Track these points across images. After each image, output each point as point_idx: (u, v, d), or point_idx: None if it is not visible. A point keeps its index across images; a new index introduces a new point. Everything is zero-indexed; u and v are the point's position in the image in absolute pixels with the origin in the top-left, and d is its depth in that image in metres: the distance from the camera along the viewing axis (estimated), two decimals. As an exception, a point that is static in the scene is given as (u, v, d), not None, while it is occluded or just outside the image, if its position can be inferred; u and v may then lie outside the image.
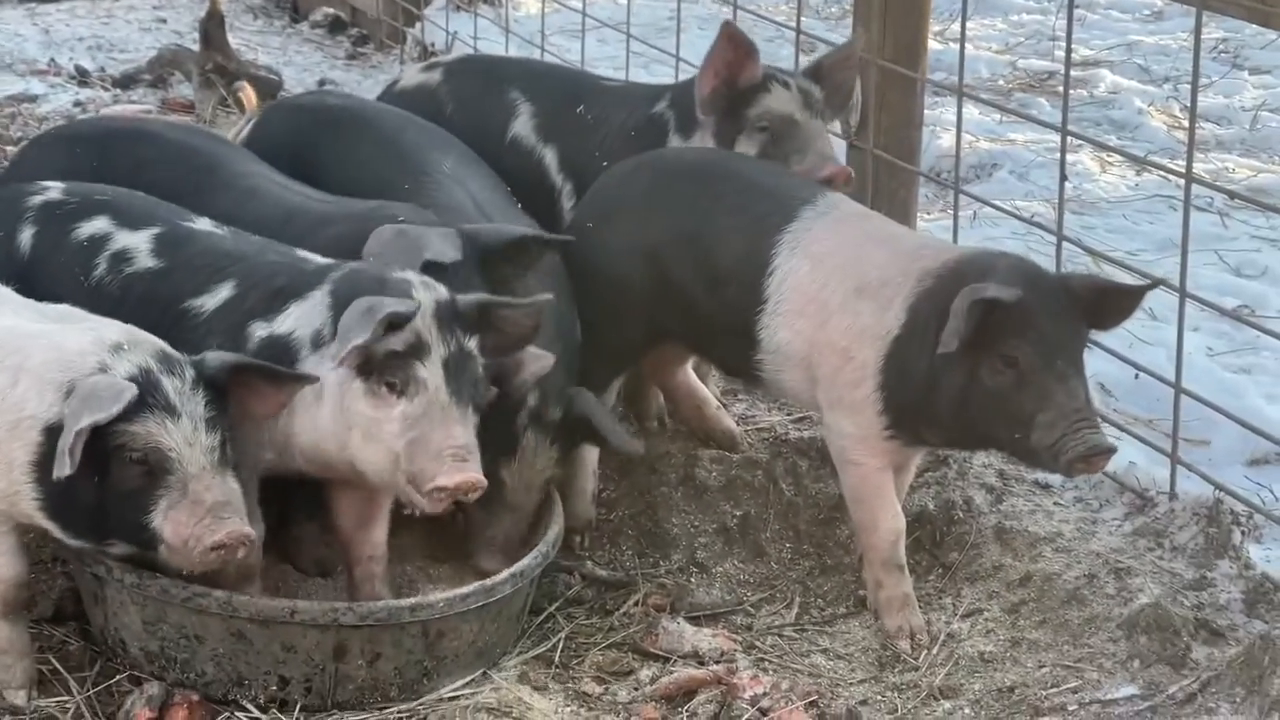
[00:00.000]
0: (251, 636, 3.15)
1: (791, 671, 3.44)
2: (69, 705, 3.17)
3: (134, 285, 3.39)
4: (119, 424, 2.93)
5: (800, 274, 3.56)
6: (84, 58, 8.10)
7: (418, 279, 3.20)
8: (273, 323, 3.24)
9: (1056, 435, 3.22)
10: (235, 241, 3.43)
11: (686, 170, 3.87)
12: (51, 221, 3.51)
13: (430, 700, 3.25)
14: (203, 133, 4.13)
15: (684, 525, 3.95)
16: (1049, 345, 3.25)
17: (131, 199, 3.57)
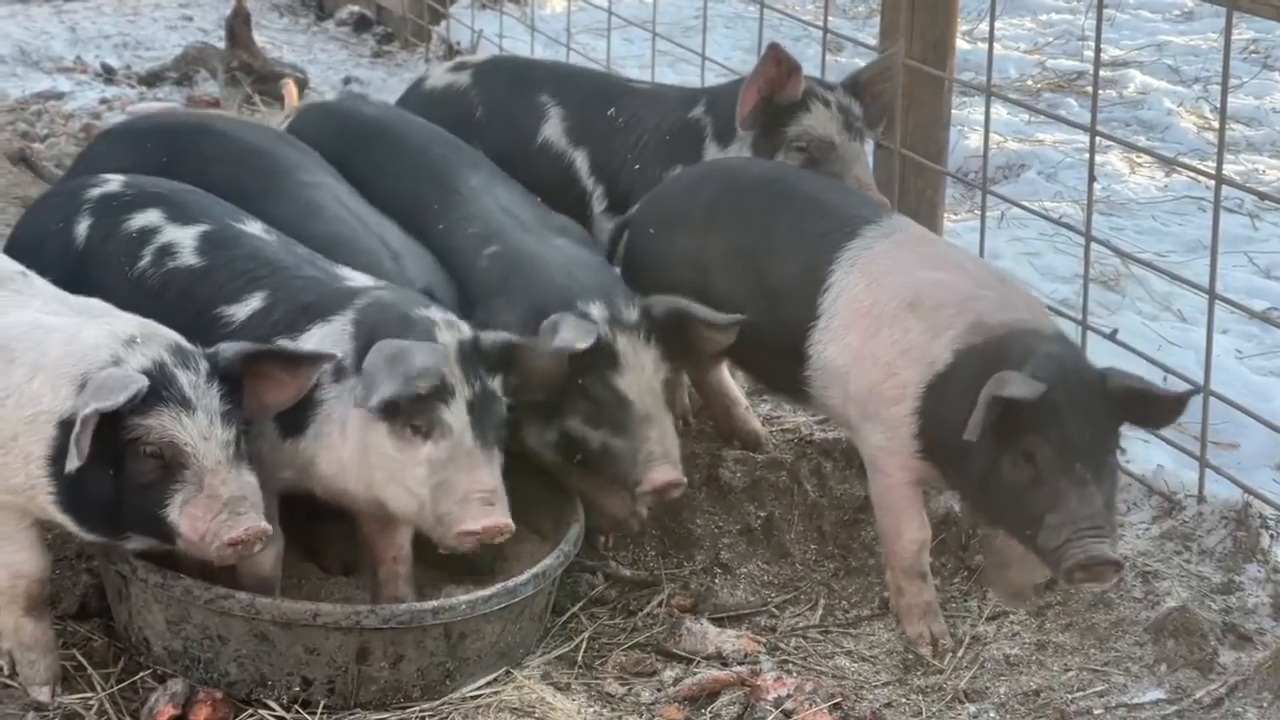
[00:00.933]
0: (274, 638, 3.15)
1: (815, 673, 3.42)
2: (93, 701, 3.18)
3: (174, 281, 3.40)
4: (134, 417, 2.93)
5: (855, 290, 3.52)
6: (110, 55, 8.13)
7: (441, 317, 3.21)
8: (295, 340, 3.23)
9: (1060, 540, 3.14)
10: (278, 250, 3.42)
11: (751, 186, 3.84)
12: (107, 213, 3.53)
13: (453, 700, 3.25)
14: (272, 133, 4.09)
15: (708, 526, 3.95)
16: (1071, 447, 3.16)
17: (188, 195, 3.57)
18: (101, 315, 3.12)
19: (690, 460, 4.04)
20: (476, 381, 3.16)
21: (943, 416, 3.32)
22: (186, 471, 2.96)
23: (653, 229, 3.88)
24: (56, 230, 3.55)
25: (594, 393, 3.45)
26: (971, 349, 3.31)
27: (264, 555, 3.27)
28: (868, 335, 3.46)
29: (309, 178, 3.79)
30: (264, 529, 2.98)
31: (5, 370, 3.03)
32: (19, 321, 3.10)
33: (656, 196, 3.97)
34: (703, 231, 3.77)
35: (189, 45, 8.00)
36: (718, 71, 5.79)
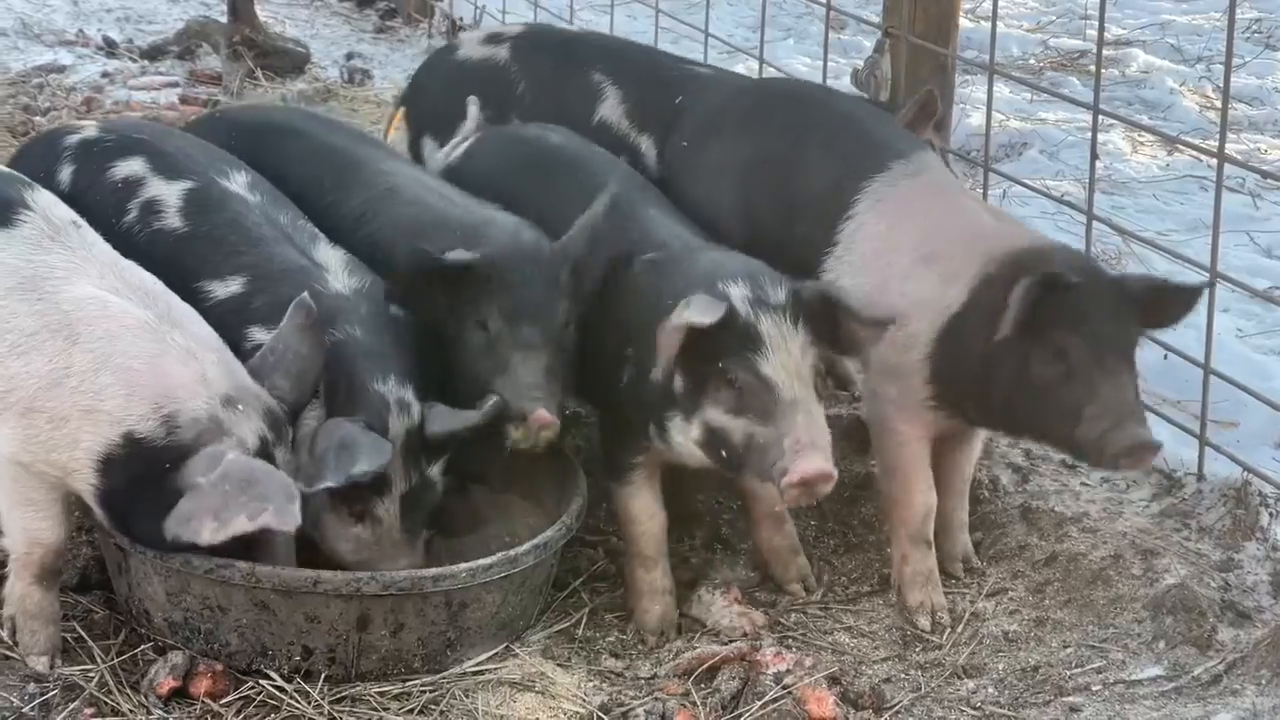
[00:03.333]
0: (275, 607, 3.16)
1: (815, 649, 3.43)
2: (93, 674, 3.18)
3: (159, 242, 3.40)
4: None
5: (876, 229, 3.49)
6: (112, 29, 8.11)
7: (395, 399, 3.21)
8: (270, 332, 3.23)
9: (1101, 429, 3.18)
10: (259, 218, 3.41)
11: (786, 97, 3.85)
12: (89, 159, 3.52)
13: (454, 674, 3.25)
14: (350, 131, 4.07)
15: (708, 502, 3.95)
16: (1100, 340, 3.22)
17: (170, 141, 3.56)
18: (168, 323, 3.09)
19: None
20: (415, 473, 3.24)
21: (958, 353, 3.34)
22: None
23: (686, 140, 3.88)
24: (39, 179, 3.49)
25: (736, 378, 3.18)
26: (987, 278, 3.33)
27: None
28: (881, 284, 3.44)
29: (385, 166, 3.76)
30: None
31: (65, 350, 3.02)
32: (83, 298, 3.07)
33: (695, 114, 3.95)
34: (734, 139, 3.77)
35: (191, 19, 7.99)
36: (720, 49, 5.78)
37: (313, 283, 3.31)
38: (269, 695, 3.14)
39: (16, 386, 3.05)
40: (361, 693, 3.18)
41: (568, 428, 4.14)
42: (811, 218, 3.57)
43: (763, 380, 3.13)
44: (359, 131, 4.20)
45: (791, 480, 3.08)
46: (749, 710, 3.16)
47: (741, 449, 3.16)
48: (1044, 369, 3.24)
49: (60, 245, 3.15)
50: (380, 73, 7.61)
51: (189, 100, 6.98)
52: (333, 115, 5.52)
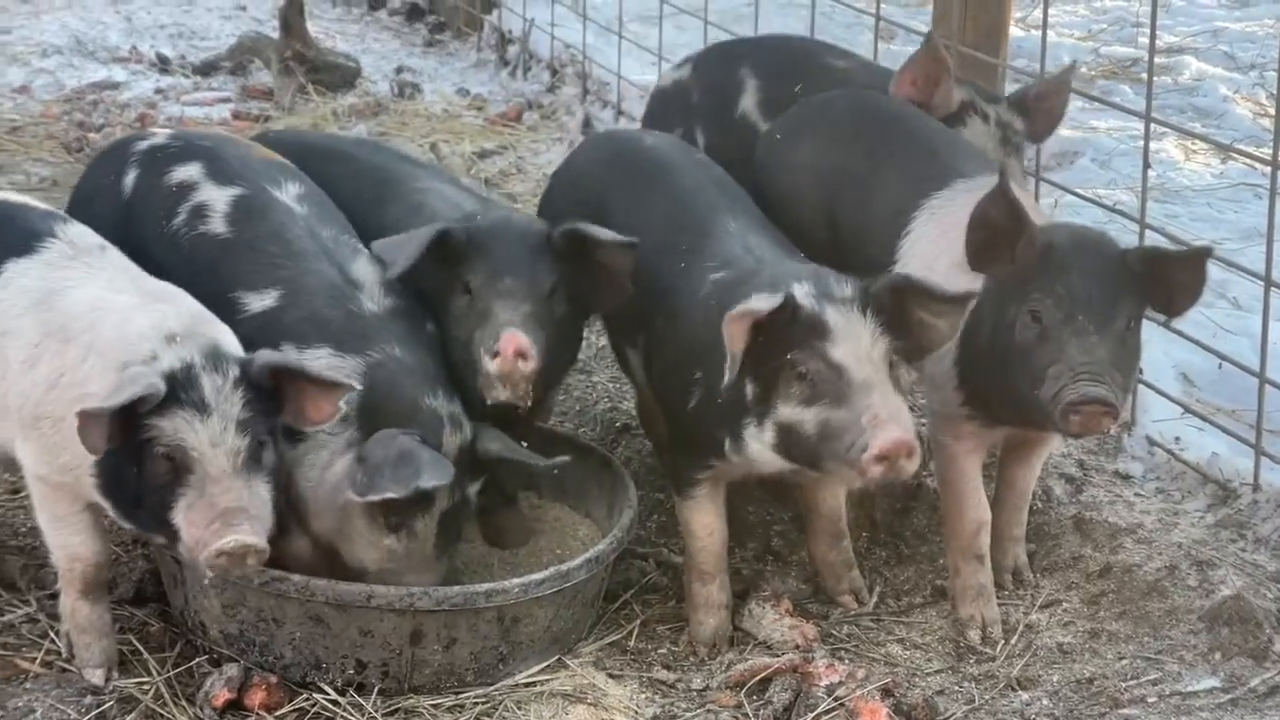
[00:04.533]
0: (329, 620, 3.17)
1: (867, 660, 3.42)
2: (149, 686, 3.20)
3: (202, 248, 3.42)
4: (151, 417, 2.92)
5: (927, 240, 3.50)
6: (165, 45, 8.18)
7: (448, 415, 3.22)
8: (304, 353, 3.23)
9: (1057, 387, 3.13)
10: (301, 232, 3.43)
11: (877, 115, 3.89)
12: (153, 165, 3.56)
13: (505, 686, 3.26)
14: (391, 152, 4.13)
15: (759, 514, 3.95)
16: (1073, 300, 3.17)
17: (229, 149, 3.59)
18: (160, 300, 3.12)
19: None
20: (457, 491, 3.22)
21: (975, 347, 3.31)
22: (192, 476, 2.92)
23: (780, 135, 3.93)
24: (108, 184, 3.58)
25: (806, 369, 3.09)
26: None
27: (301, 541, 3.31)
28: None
29: (421, 184, 3.80)
30: (252, 544, 2.89)
31: (61, 350, 3.06)
32: (80, 299, 3.11)
33: (790, 110, 4.03)
34: (824, 145, 3.83)
35: (243, 35, 8.05)
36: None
37: (345, 302, 3.33)
38: (323, 708, 3.16)
39: (29, 399, 3.09)
40: (415, 706, 3.19)
41: (618, 440, 4.16)
42: (878, 239, 3.57)
43: (833, 366, 3.07)
44: (402, 153, 4.23)
45: (873, 454, 2.99)
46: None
47: (817, 439, 3.08)
48: (1022, 332, 3.21)
49: (79, 263, 3.20)
50: (430, 86, 7.65)
51: (241, 116, 7.04)
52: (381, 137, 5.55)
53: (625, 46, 6.84)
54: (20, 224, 3.28)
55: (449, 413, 3.23)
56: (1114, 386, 3.13)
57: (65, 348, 3.05)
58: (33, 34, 8.22)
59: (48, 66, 7.74)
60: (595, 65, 7.19)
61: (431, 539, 3.21)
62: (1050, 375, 3.14)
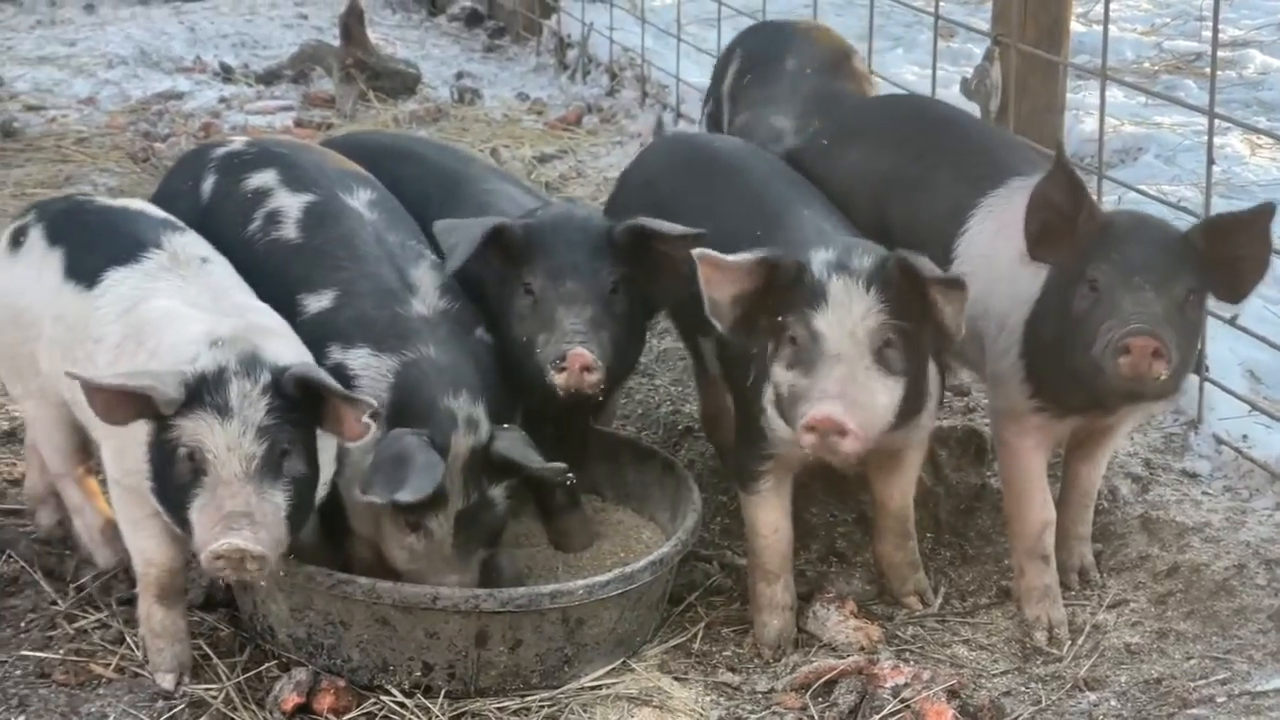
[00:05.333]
0: (395, 623, 3.19)
1: (933, 662, 3.41)
2: (219, 691, 3.23)
3: (274, 252, 3.46)
4: (177, 417, 2.95)
5: (984, 236, 3.50)
6: (228, 54, 8.25)
7: (464, 416, 3.22)
8: (346, 353, 3.28)
9: (1108, 338, 3.10)
10: (368, 237, 3.45)
11: (931, 120, 3.88)
12: (230, 171, 3.61)
13: (571, 689, 3.27)
14: (460, 153, 4.18)
15: (823, 515, 3.94)
16: (1130, 265, 3.16)
17: (307, 156, 3.63)
18: (227, 314, 3.15)
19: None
20: (475, 491, 3.22)
21: (1042, 338, 3.31)
22: (206, 478, 2.94)
23: (827, 139, 3.94)
24: (187, 189, 3.63)
25: (796, 334, 3.14)
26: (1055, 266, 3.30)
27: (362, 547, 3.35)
28: (988, 287, 3.41)
29: (489, 185, 3.84)
30: (248, 549, 2.89)
31: (134, 353, 3.11)
32: (157, 308, 3.16)
33: (839, 114, 4.07)
34: (873, 149, 3.81)
35: (304, 43, 8.10)
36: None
37: (394, 304, 3.35)
38: (390, 710, 3.18)
39: None
40: (481, 708, 3.21)
41: (681, 443, 4.17)
42: (934, 240, 3.54)
43: (813, 333, 3.10)
44: (471, 154, 4.26)
45: (803, 422, 3.04)
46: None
47: (787, 403, 3.13)
48: (1080, 303, 3.19)
49: (173, 274, 3.25)
50: (490, 91, 7.68)
51: (303, 124, 7.08)
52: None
53: (684, 49, 6.85)
54: (128, 233, 3.34)
55: (466, 415, 3.23)
56: (1167, 335, 3.08)
57: (137, 352, 3.10)
58: (98, 45, 8.31)
59: (113, 78, 7.82)
60: (654, 68, 7.20)
61: (448, 539, 3.20)
62: (1103, 330, 3.12)
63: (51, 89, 7.63)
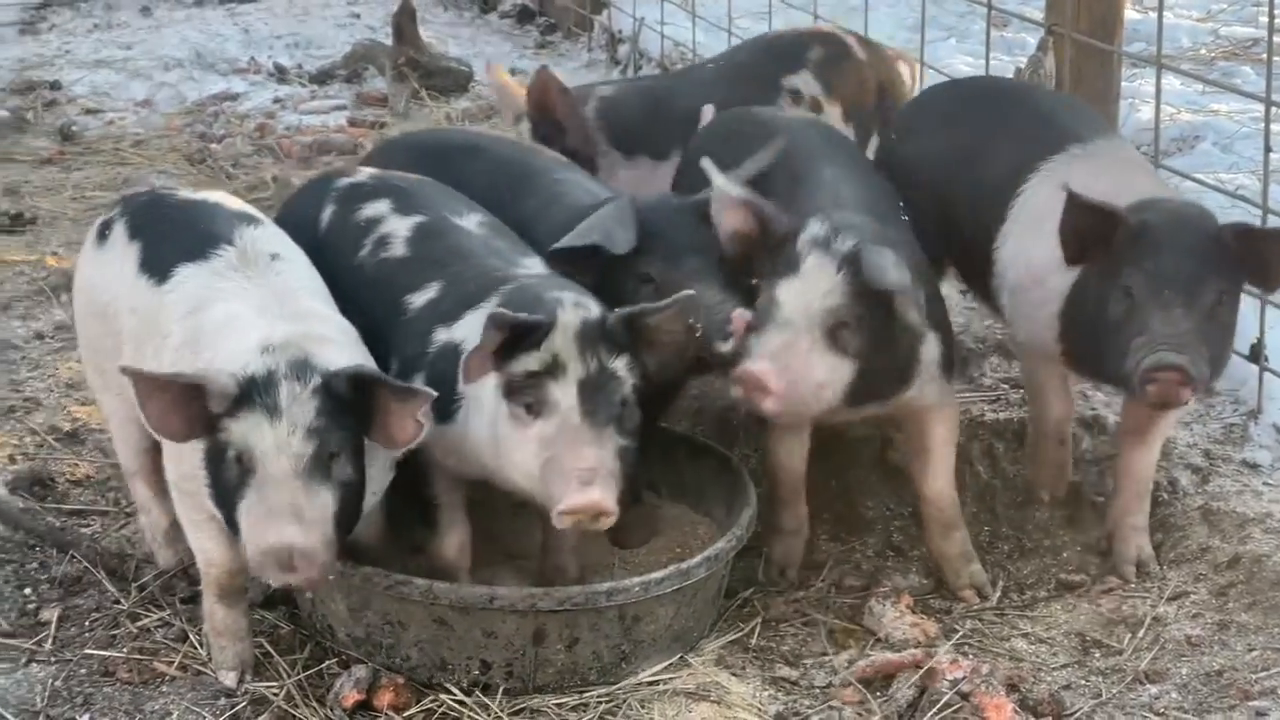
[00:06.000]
0: (453, 623, 3.21)
1: (992, 655, 3.40)
2: (280, 688, 3.25)
3: (383, 271, 3.46)
4: (226, 419, 2.96)
5: (1039, 199, 3.62)
6: (282, 55, 8.30)
7: (571, 298, 3.17)
8: (451, 329, 3.27)
9: (1139, 357, 3.24)
10: (476, 242, 3.45)
11: (984, 93, 4.11)
12: (346, 202, 3.62)
13: (629, 685, 3.28)
14: (525, 146, 4.23)
15: (879, 509, 3.94)
16: (1162, 276, 3.27)
17: (423, 187, 3.63)
18: (288, 320, 3.14)
19: (861, 443, 4.04)
20: (594, 360, 3.11)
21: (1081, 312, 3.45)
22: (254, 478, 2.95)
23: (895, 134, 4.17)
24: (307, 217, 3.63)
25: (764, 296, 3.32)
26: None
27: (449, 543, 3.36)
28: (1033, 240, 3.58)
29: (558, 175, 3.85)
30: (296, 546, 2.90)
31: (193, 359, 3.12)
32: (220, 313, 3.17)
33: (901, 111, 4.33)
34: (932, 132, 4.00)
35: (357, 43, 8.14)
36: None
37: (500, 283, 3.30)
38: (449, 708, 3.20)
39: None
40: (539, 705, 3.22)
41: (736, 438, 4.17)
42: (991, 200, 3.72)
43: (774, 299, 3.29)
44: (536, 147, 4.27)
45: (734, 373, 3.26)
46: (926, 718, 3.14)
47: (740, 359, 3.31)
48: (1114, 308, 3.34)
49: (240, 273, 3.25)
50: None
51: (356, 123, 7.12)
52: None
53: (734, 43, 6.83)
54: (202, 228, 3.36)
55: (572, 299, 3.16)
56: (1196, 357, 3.21)
57: (196, 358, 3.11)
58: (154, 48, 8.37)
59: (169, 80, 7.88)
60: (706, 62, 7.18)
61: (577, 409, 3.07)
62: (1134, 347, 3.26)
63: (109, 92, 7.70)
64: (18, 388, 4.54)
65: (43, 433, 4.27)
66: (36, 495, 3.97)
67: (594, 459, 3.04)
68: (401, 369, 3.30)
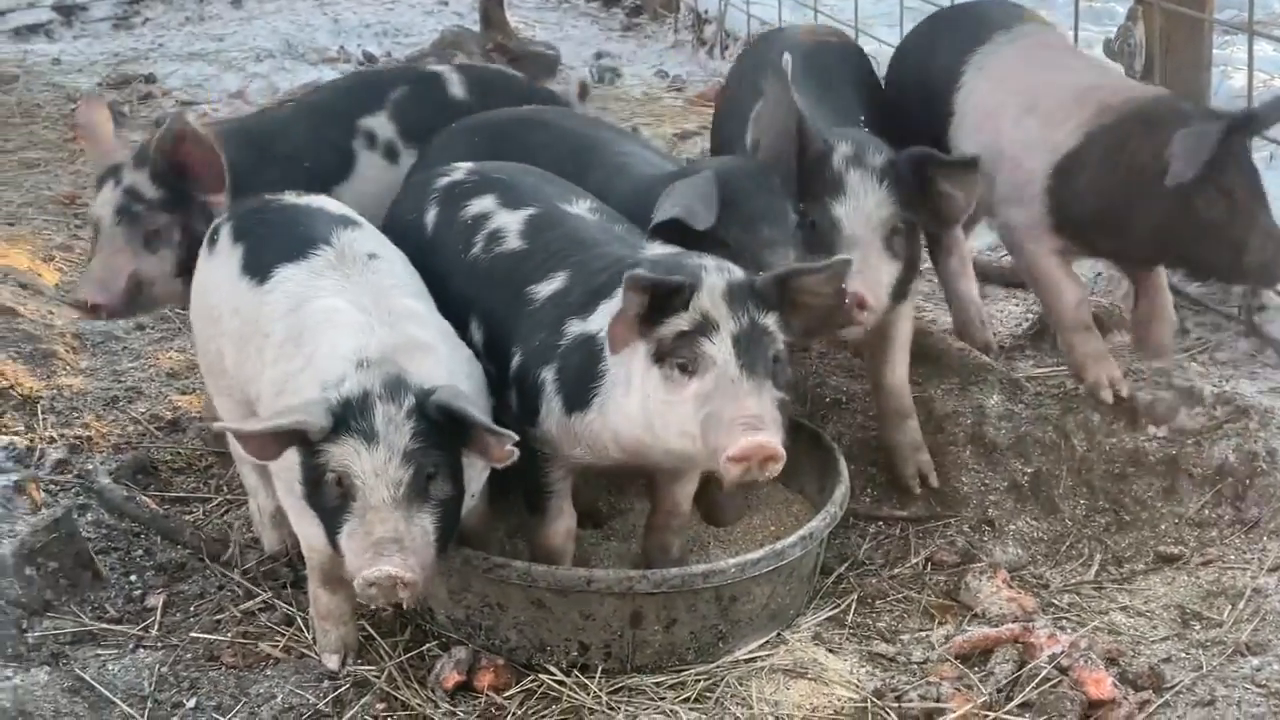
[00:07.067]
0: (551, 605, 3.24)
1: (1091, 629, 3.38)
2: (381, 670, 3.30)
3: (499, 265, 3.44)
4: (325, 442, 2.97)
5: (981, 93, 4.07)
6: (371, 44, 8.37)
7: (713, 263, 3.15)
8: (585, 321, 3.24)
9: (1269, 254, 3.61)
10: (595, 229, 3.44)
11: (950, 16, 4.47)
12: (450, 201, 3.62)
13: (726, 663, 3.30)
14: (588, 118, 4.22)
15: (974, 483, 3.92)
16: (1255, 179, 3.65)
17: (526, 178, 3.64)
18: (384, 324, 3.15)
19: (953, 418, 4.03)
20: (744, 316, 3.08)
21: (1076, 191, 3.82)
22: (355, 504, 2.96)
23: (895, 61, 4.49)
24: (412, 221, 3.65)
25: (815, 218, 3.57)
26: (1105, 126, 3.81)
27: (556, 529, 3.37)
28: (994, 139, 3.96)
29: (622, 148, 3.86)
30: (400, 576, 2.90)
31: (292, 355, 3.17)
32: (319, 310, 3.20)
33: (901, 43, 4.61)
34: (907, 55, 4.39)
35: (445, 30, 8.19)
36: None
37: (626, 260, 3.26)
38: (549, 688, 3.23)
39: (266, 395, 3.21)
40: (638, 684, 3.24)
41: (828, 415, 4.17)
42: (937, 98, 4.13)
43: (832, 221, 3.57)
44: (600, 119, 4.27)
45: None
46: (1025, 693, 3.14)
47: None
48: (1210, 208, 3.63)
49: (338, 272, 3.29)
50: (629, 70, 7.71)
51: (447, 109, 7.14)
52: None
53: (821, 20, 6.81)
54: (300, 230, 3.41)
55: (714, 264, 3.15)
56: None
57: (296, 353, 3.15)
58: (246, 39, 8.47)
59: (261, 70, 7.97)
60: (792, 40, 7.16)
61: (733, 362, 3.03)
62: (1254, 245, 3.62)
63: (202, 84, 7.80)
64: (120, 378, 4.62)
65: (145, 421, 4.35)
66: (140, 483, 4.04)
67: (756, 407, 3.02)
68: (527, 360, 3.29)
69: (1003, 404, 4.05)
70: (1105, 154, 3.77)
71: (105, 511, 3.86)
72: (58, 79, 7.89)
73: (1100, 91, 3.88)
